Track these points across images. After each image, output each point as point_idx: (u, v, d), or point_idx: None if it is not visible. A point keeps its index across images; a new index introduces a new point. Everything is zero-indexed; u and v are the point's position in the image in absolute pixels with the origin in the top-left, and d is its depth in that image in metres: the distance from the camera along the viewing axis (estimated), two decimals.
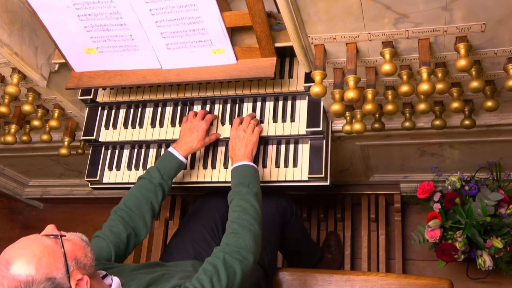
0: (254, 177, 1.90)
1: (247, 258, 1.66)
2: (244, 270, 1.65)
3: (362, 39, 1.58)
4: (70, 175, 3.12)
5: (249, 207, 1.78)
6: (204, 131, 2.06)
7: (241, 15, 1.79)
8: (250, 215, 1.75)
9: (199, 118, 2.09)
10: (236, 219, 1.74)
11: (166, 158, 2.01)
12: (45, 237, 1.38)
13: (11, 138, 2.21)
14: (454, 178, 2.36)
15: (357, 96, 1.60)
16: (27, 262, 1.30)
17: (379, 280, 2.15)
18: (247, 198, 1.81)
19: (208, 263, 1.63)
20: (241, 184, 1.85)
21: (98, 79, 2.07)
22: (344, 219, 2.83)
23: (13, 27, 1.90)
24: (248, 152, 1.96)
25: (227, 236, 1.71)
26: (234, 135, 2.02)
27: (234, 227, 1.72)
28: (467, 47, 1.51)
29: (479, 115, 2.00)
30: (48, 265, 1.32)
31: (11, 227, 3.55)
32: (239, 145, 1.98)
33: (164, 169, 1.97)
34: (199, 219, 2.23)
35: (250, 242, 1.69)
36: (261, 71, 1.91)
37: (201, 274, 1.59)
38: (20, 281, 1.28)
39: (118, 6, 1.80)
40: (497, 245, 2.23)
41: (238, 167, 1.93)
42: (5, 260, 1.31)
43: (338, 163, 2.49)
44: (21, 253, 1.32)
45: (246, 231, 1.70)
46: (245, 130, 2.02)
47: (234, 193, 1.85)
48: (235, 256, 1.64)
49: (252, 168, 1.93)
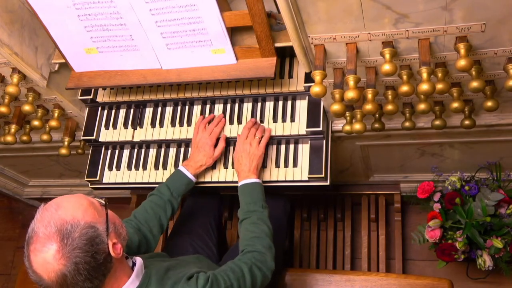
0: (263, 195, 1.97)
1: (267, 275, 1.77)
2: (263, 285, 1.76)
3: (362, 39, 1.58)
4: (70, 175, 3.12)
5: (268, 230, 1.86)
6: (211, 147, 2.08)
7: (241, 15, 1.79)
8: (269, 238, 1.85)
9: (207, 134, 2.10)
10: (258, 239, 1.82)
11: (175, 176, 2.05)
12: (91, 197, 1.51)
13: (11, 138, 2.21)
14: (454, 178, 2.36)
15: (357, 96, 1.60)
16: (75, 208, 1.41)
17: (379, 280, 2.15)
18: (264, 219, 1.89)
19: (235, 265, 1.71)
20: (255, 203, 1.92)
21: (98, 79, 2.07)
22: (344, 219, 2.83)
23: (13, 27, 1.90)
24: (254, 167, 2.00)
25: (251, 253, 1.78)
26: (240, 148, 2.03)
27: (258, 247, 1.80)
28: (467, 47, 1.51)
29: (479, 115, 2.00)
30: (92, 215, 1.43)
31: (11, 227, 3.55)
32: (245, 160, 2.01)
33: (174, 187, 2.01)
34: (194, 220, 2.26)
35: (271, 263, 1.80)
36: (261, 71, 1.91)
37: (229, 271, 1.66)
38: (66, 221, 1.38)
39: (118, 6, 1.80)
40: (497, 245, 2.23)
41: (247, 185, 1.97)
42: (55, 204, 1.42)
43: (338, 163, 2.48)
44: (69, 200, 1.44)
45: (269, 253, 1.80)
46: (251, 143, 2.03)
47: (250, 211, 1.90)
48: (260, 270, 1.74)
49: (260, 185, 1.98)
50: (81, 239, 1.37)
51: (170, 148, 2.23)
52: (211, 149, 2.07)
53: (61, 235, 1.36)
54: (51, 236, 1.36)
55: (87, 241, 1.38)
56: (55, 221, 1.37)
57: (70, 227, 1.37)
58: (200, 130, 2.12)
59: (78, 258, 1.36)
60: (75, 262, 1.36)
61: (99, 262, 1.40)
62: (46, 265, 1.36)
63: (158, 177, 2.19)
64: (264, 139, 2.05)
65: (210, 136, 2.09)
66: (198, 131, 2.12)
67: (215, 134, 2.10)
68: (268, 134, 2.07)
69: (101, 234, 1.41)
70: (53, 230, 1.36)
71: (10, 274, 3.41)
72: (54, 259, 1.35)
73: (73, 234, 1.36)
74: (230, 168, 2.12)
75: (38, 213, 1.42)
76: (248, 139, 2.04)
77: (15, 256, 3.46)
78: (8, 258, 3.46)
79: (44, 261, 1.36)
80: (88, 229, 1.39)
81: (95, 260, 1.39)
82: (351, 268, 2.76)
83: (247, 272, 1.69)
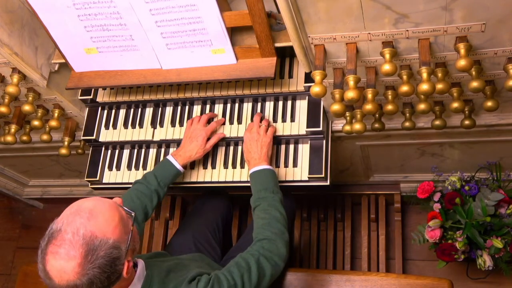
0: (275, 182, 1.91)
1: (278, 264, 1.71)
2: (274, 275, 1.70)
3: (362, 39, 1.58)
4: (70, 175, 3.12)
5: (279, 215, 1.80)
6: (204, 139, 2.05)
7: (241, 15, 1.79)
8: (281, 223, 1.78)
9: (201, 125, 2.08)
10: (268, 226, 1.76)
11: (164, 166, 2.01)
12: (121, 208, 1.44)
13: (11, 138, 2.21)
14: (454, 178, 2.36)
15: (357, 96, 1.60)
16: (107, 222, 1.36)
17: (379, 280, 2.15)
18: (275, 205, 1.83)
19: (242, 258, 1.66)
20: (266, 189, 1.86)
21: (98, 79, 2.07)
22: (344, 219, 2.83)
23: (13, 27, 1.90)
24: (264, 154, 1.95)
25: (261, 241, 1.73)
26: (248, 137, 2.00)
27: (267, 234, 1.74)
28: (467, 47, 1.51)
29: (479, 115, 2.00)
30: (120, 234, 1.38)
31: (11, 227, 3.55)
32: (254, 148, 1.97)
33: (161, 176, 1.98)
34: (200, 218, 2.24)
35: (283, 250, 1.73)
36: (261, 71, 1.91)
37: (233, 267, 1.62)
38: (96, 236, 1.33)
39: (118, 6, 1.81)
40: (497, 245, 2.23)
41: (258, 171, 1.92)
42: (88, 210, 1.36)
43: (338, 163, 2.49)
44: (103, 210, 1.37)
45: (279, 239, 1.74)
46: (258, 131, 2.00)
47: (260, 198, 1.85)
48: (269, 260, 1.68)
49: (271, 172, 1.93)
50: (103, 259, 1.34)
51: (170, 148, 2.23)
52: (204, 141, 2.04)
53: (87, 250, 1.32)
54: (77, 246, 1.32)
55: (108, 262, 1.35)
56: (85, 231, 1.33)
57: (98, 243, 1.33)
58: (195, 122, 2.10)
59: (95, 277, 1.33)
60: (91, 279, 1.33)
61: (111, 281, 1.39)
62: (62, 273, 1.32)
63: None
64: (271, 128, 2.02)
65: (206, 128, 2.07)
66: (192, 123, 2.09)
67: (211, 128, 2.08)
68: (274, 127, 2.05)
69: (122, 256, 1.38)
70: (81, 241, 1.32)
71: (10, 274, 3.41)
72: (73, 271, 1.32)
73: (98, 252, 1.33)
74: (230, 168, 2.12)
75: (68, 211, 1.38)
76: (255, 127, 2.01)
77: (15, 256, 3.46)
78: (8, 258, 3.46)
79: (61, 268, 1.32)
80: (113, 249, 1.35)
81: (108, 280, 1.37)
82: (351, 268, 2.76)
83: (254, 264, 1.64)
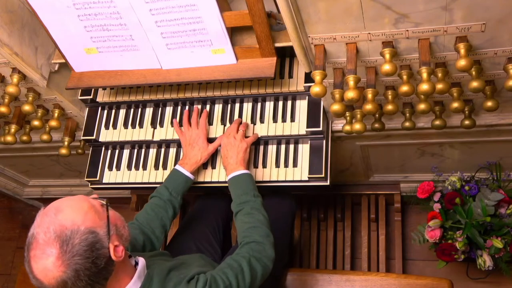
0: (254, 185, 1.94)
1: (268, 265, 1.75)
2: (264, 276, 1.73)
3: (362, 39, 1.58)
4: (70, 175, 3.12)
5: (263, 218, 1.83)
6: (205, 139, 2.07)
7: (241, 15, 1.79)
8: (266, 226, 1.82)
9: (194, 128, 2.09)
10: (254, 229, 1.80)
11: (172, 175, 2.04)
12: (92, 199, 1.48)
13: (11, 138, 2.21)
14: (454, 178, 2.36)
15: (357, 96, 1.60)
16: (74, 212, 1.39)
17: (379, 280, 2.15)
18: (258, 208, 1.86)
19: (233, 260, 1.69)
20: (247, 193, 1.89)
21: (98, 79, 2.07)
22: (344, 219, 2.83)
23: (13, 27, 1.90)
24: (241, 159, 1.98)
25: (249, 244, 1.76)
26: (225, 142, 2.02)
27: (255, 237, 1.77)
28: (467, 47, 1.51)
29: (479, 115, 2.00)
30: (93, 220, 1.40)
31: (11, 227, 3.55)
32: (231, 153, 1.99)
33: (172, 186, 2.00)
34: (201, 219, 2.24)
35: (271, 251, 1.77)
36: (261, 71, 1.91)
37: (227, 268, 1.64)
38: (66, 227, 1.36)
39: (118, 6, 1.81)
40: (497, 245, 2.23)
41: (237, 176, 1.95)
42: (54, 208, 1.40)
43: (338, 163, 2.48)
44: (70, 204, 1.42)
45: (267, 241, 1.78)
46: (235, 137, 2.02)
47: (242, 203, 1.88)
48: (259, 261, 1.72)
49: (249, 176, 1.96)
50: (81, 246, 1.35)
51: (170, 148, 2.23)
52: (205, 142, 2.06)
53: (61, 242, 1.34)
54: (51, 242, 1.34)
55: (87, 247, 1.36)
56: (54, 227, 1.35)
57: (69, 233, 1.35)
58: (185, 129, 2.11)
59: (78, 265, 1.35)
60: (75, 269, 1.34)
61: (100, 267, 1.39)
62: (47, 272, 1.35)
63: (158, 177, 2.19)
64: (252, 136, 2.05)
65: (199, 129, 2.08)
66: (183, 131, 2.11)
67: (203, 126, 2.09)
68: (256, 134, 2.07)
69: (102, 239, 1.39)
70: (52, 236, 1.35)
71: (10, 274, 3.41)
72: (54, 266, 1.34)
73: (72, 241, 1.35)
74: None
75: (38, 217, 1.41)
76: (232, 133, 2.03)
77: (15, 256, 3.46)
78: (8, 258, 3.46)
79: (44, 268, 1.35)
80: (88, 234, 1.37)
81: (95, 266, 1.38)
82: (351, 268, 2.76)
83: (246, 266, 1.67)
